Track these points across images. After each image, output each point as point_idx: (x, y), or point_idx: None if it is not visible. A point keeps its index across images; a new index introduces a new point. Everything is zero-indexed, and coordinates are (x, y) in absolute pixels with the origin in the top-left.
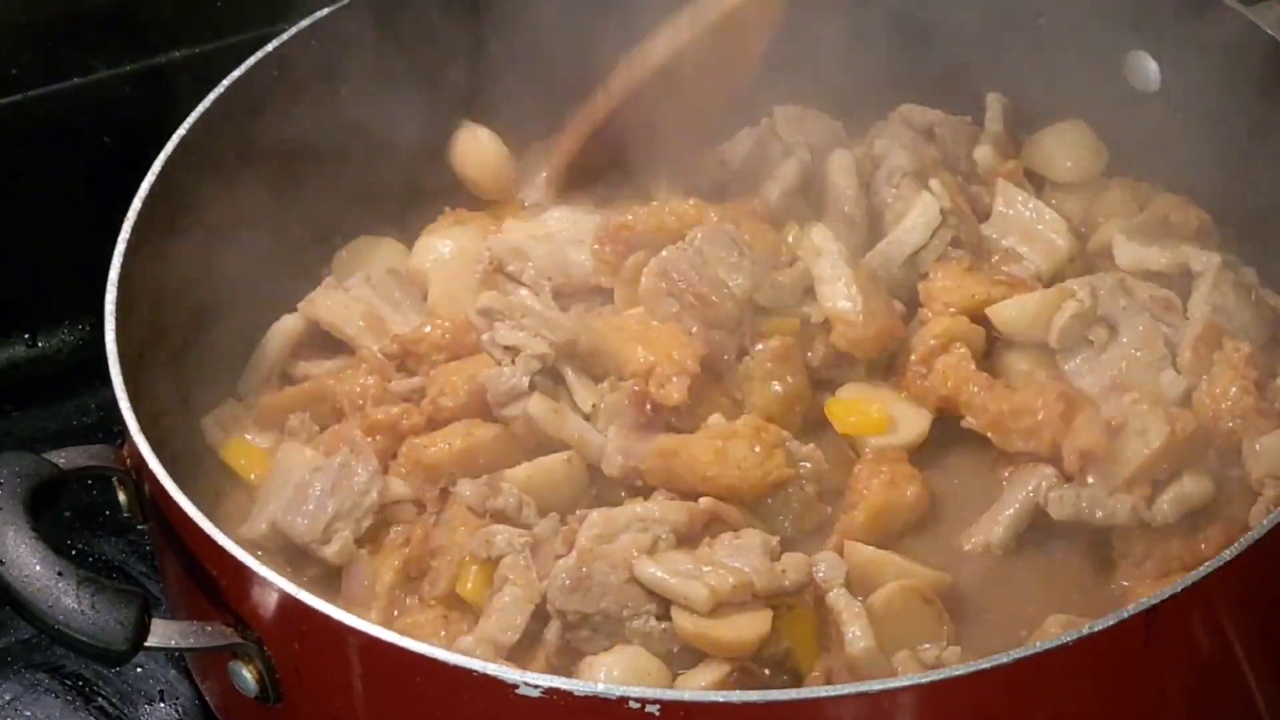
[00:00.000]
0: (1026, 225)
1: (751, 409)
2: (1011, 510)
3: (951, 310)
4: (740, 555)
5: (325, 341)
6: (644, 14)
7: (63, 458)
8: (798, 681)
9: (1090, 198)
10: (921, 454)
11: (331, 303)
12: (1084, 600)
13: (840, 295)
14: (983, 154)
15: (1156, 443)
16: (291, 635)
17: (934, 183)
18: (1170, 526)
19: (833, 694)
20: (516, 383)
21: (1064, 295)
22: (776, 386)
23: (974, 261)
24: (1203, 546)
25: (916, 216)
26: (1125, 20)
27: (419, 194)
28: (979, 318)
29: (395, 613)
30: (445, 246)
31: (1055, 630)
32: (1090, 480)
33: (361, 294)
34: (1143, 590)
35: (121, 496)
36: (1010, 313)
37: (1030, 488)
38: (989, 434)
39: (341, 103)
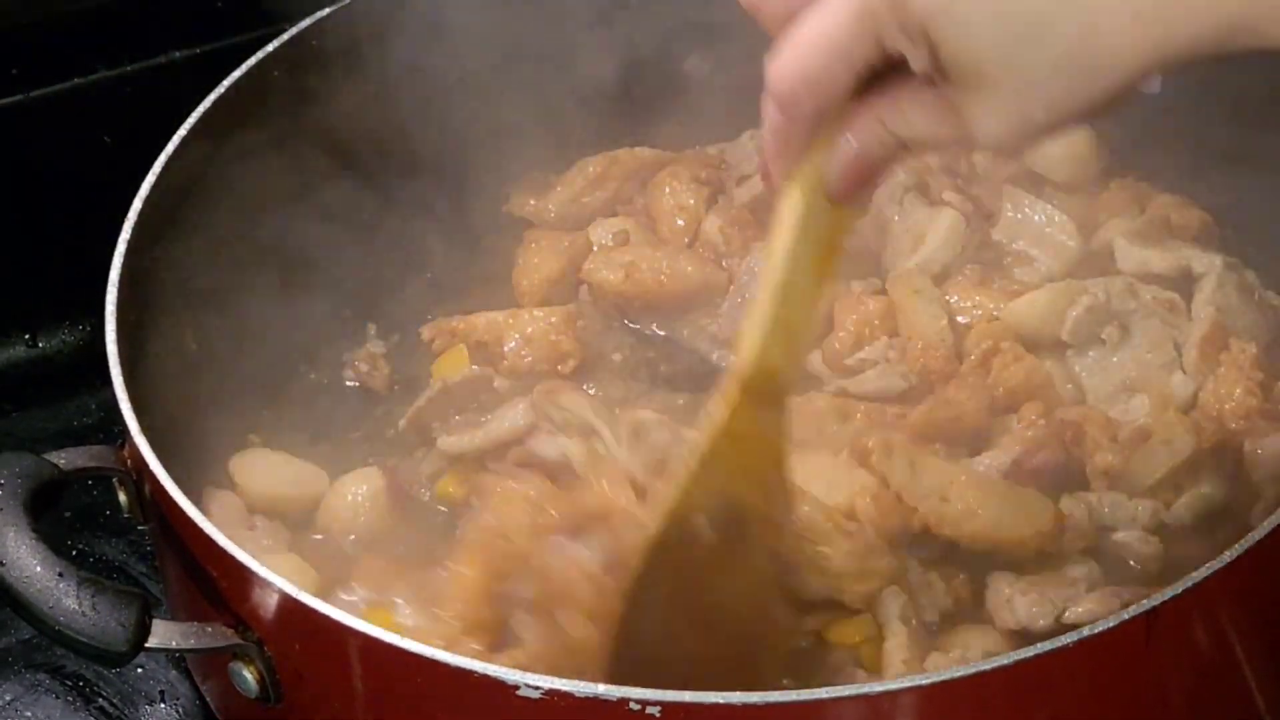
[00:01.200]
0: (1037, 228)
1: None
2: None
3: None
4: None
5: None
6: None
7: (63, 458)
8: None
9: (1090, 198)
10: None
11: None
12: None
13: None
14: (982, 156)
15: (1184, 454)
16: (292, 636)
17: (949, 194)
18: (1187, 529)
19: (833, 695)
20: None
21: (1075, 290)
22: None
23: (984, 274)
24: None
25: (943, 231)
26: None
27: (422, 193)
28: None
29: None
30: None
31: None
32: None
33: None
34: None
35: (121, 497)
36: (1022, 309)
37: None
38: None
39: (343, 103)
